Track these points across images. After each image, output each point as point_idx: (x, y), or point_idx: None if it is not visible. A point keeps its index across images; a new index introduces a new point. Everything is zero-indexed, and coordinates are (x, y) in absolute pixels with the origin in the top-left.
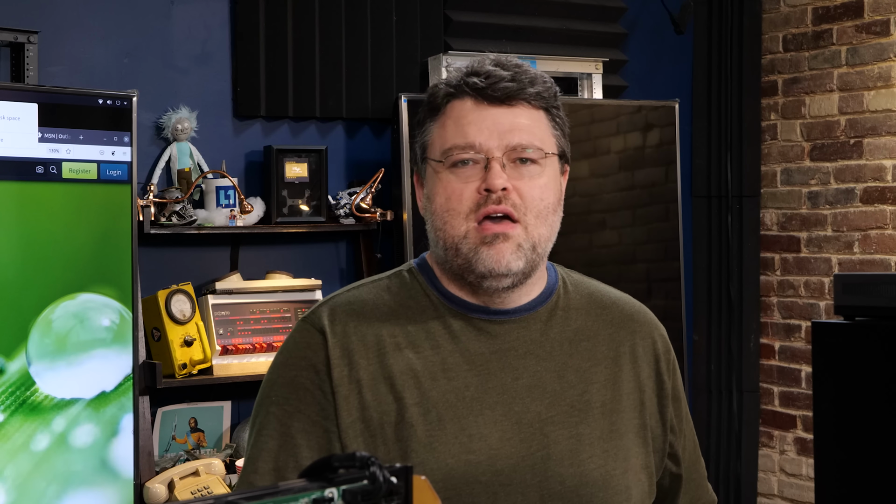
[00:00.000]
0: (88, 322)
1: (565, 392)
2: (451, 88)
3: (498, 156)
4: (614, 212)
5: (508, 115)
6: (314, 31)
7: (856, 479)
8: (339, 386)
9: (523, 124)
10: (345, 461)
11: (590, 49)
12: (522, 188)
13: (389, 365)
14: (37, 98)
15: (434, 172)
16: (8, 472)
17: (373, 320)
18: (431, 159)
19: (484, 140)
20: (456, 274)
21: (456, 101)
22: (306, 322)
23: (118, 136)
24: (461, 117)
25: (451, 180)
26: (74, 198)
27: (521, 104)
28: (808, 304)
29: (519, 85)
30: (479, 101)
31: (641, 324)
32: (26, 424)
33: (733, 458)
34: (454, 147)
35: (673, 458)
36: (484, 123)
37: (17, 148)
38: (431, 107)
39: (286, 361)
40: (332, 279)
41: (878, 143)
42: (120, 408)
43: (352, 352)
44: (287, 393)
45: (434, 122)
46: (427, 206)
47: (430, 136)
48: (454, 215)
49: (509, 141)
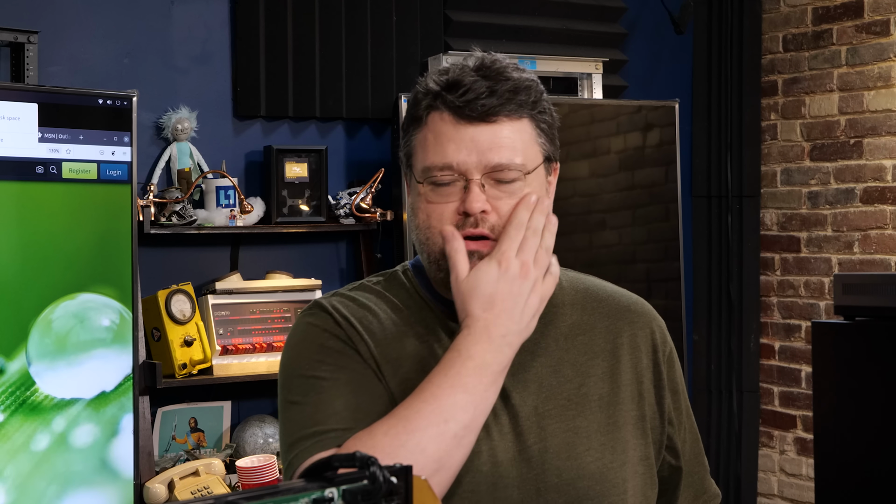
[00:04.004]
0: (88, 322)
1: (562, 386)
2: (430, 100)
3: (477, 177)
4: (614, 212)
5: (487, 132)
6: (314, 31)
7: (856, 479)
8: (365, 355)
9: (504, 141)
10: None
11: (590, 49)
12: (502, 207)
13: (394, 348)
14: (37, 98)
15: (416, 186)
16: (8, 472)
17: (370, 316)
18: (414, 174)
19: (462, 160)
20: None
21: (436, 114)
22: (311, 309)
23: (118, 136)
24: (441, 134)
25: (430, 199)
26: (74, 198)
27: (502, 119)
28: (808, 304)
29: (498, 100)
30: (456, 118)
31: (639, 314)
32: (26, 424)
33: (733, 458)
34: (432, 166)
35: (671, 451)
36: (462, 143)
37: (17, 148)
38: (413, 115)
39: (305, 339)
40: (332, 279)
41: (878, 143)
42: (120, 408)
43: (360, 333)
44: (322, 356)
45: (416, 132)
46: (411, 217)
47: (412, 146)
48: (434, 233)
49: (489, 160)
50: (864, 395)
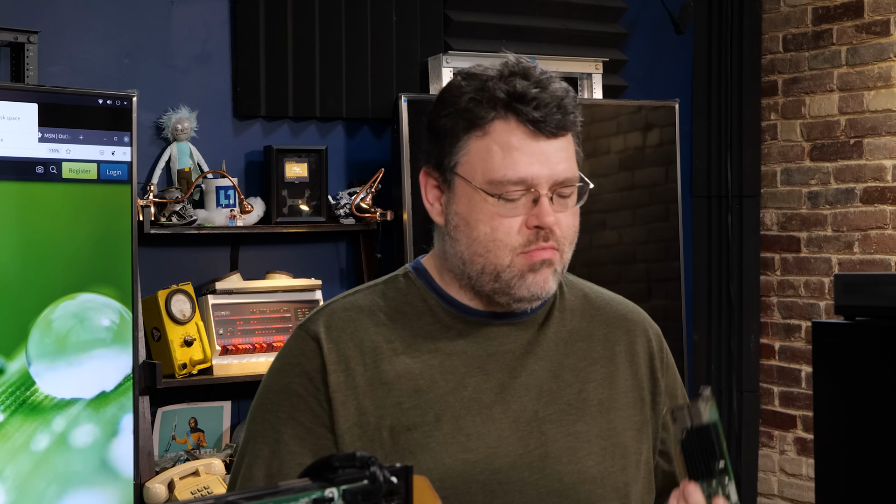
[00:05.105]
0: (88, 322)
1: (562, 391)
2: (497, 108)
3: (546, 191)
4: (614, 212)
5: (555, 146)
6: (314, 31)
7: (856, 479)
8: (336, 392)
9: (566, 156)
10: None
11: (590, 49)
12: (563, 220)
13: (386, 370)
14: (37, 98)
15: (475, 196)
16: (8, 472)
17: (369, 326)
18: (472, 183)
19: (535, 175)
20: (474, 288)
21: (501, 123)
22: (301, 329)
23: (118, 136)
24: (511, 146)
25: (498, 212)
26: (74, 198)
27: (566, 133)
28: (808, 304)
29: (564, 115)
30: (530, 131)
31: (636, 322)
32: (26, 424)
33: (733, 458)
34: (505, 181)
35: (665, 456)
36: (535, 157)
37: (17, 148)
38: (470, 119)
39: (281, 368)
40: (332, 279)
41: (878, 143)
42: (120, 408)
43: (348, 358)
44: (281, 400)
45: (474, 139)
46: (461, 227)
47: (468, 153)
48: (500, 246)
49: (557, 176)
50: (865, 395)
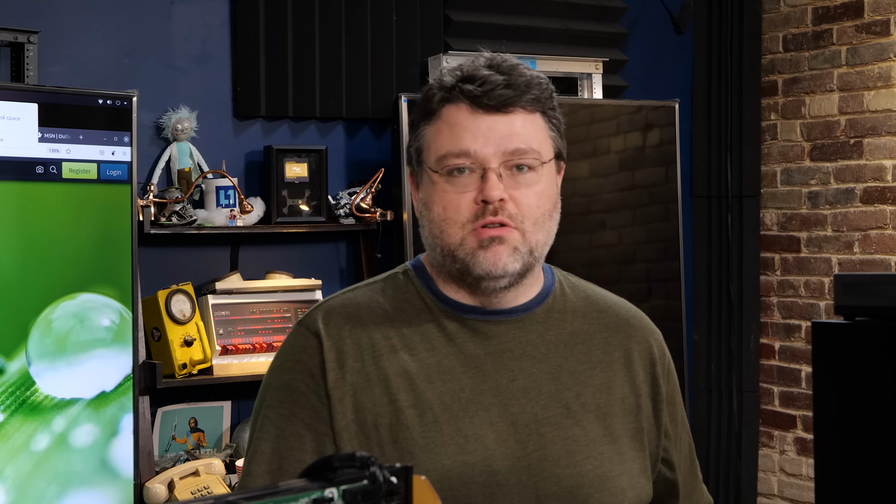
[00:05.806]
0: (88, 322)
1: (561, 394)
2: (445, 93)
3: (494, 166)
4: (614, 212)
5: (504, 122)
6: (314, 31)
7: (856, 480)
8: (334, 389)
9: (520, 131)
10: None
11: (590, 49)
12: (519, 197)
13: (384, 367)
14: (37, 98)
15: (430, 179)
16: (8, 472)
17: (368, 323)
18: (427, 165)
19: (479, 147)
20: (454, 276)
21: (451, 106)
22: (301, 325)
23: (118, 136)
24: (456, 123)
25: (447, 189)
26: (74, 198)
27: (518, 110)
28: (808, 304)
29: (515, 91)
30: (474, 108)
31: (637, 328)
32: (26, 424)
33: (733, 458)
34: (448, 154)
35: (667, 464)
36: (479, 130)
37: (17, 148)
38: (426, 110)
39: (281, 365)
40: (332, 279)
41: (878, 143)
42: (120, 408)
43: (346, 355)
44: (282, 396)
45: (429, 125)
46: (423, 212)
47: (425, 139)
48: (451, 224)
49: (506, 147)
50: (865, 395)
